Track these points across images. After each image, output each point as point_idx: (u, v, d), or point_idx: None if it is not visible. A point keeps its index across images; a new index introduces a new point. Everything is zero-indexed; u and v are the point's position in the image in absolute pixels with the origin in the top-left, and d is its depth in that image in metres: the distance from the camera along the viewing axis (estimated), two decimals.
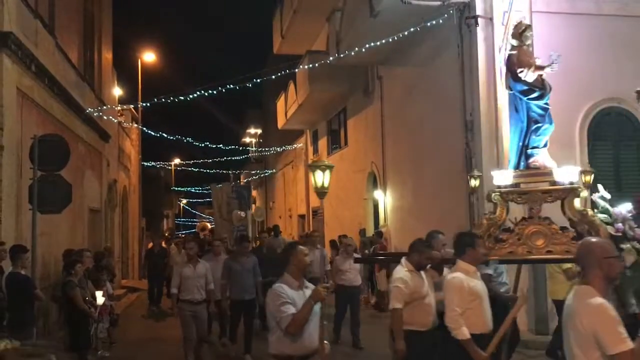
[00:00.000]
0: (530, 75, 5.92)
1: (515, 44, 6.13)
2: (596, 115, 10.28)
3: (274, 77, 14.08)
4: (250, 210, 21.51)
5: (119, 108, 19.78)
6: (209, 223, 32.60)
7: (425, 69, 12.39)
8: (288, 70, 14.69)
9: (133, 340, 10.71)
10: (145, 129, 21.45)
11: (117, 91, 21.03)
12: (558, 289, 7.74)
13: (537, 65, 6.00)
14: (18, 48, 9.12)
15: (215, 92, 13.41)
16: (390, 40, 11.46)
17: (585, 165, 8.45)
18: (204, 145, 22.71)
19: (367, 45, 12.09)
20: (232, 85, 13.14)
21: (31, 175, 8.12)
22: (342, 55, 13.26)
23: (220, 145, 25.00)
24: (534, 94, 5.94)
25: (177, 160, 36.06)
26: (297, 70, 16.81)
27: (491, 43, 9.88)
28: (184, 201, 55.88)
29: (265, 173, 32.25)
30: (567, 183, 5.56)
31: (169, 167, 36.27)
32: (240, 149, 30.96)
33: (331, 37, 15.43)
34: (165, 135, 19.15)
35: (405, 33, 11.11)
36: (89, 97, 14.72)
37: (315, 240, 11.51)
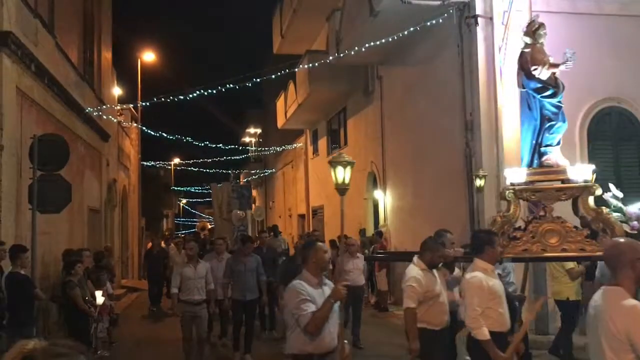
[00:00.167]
0: (544, 72, 5.91)
1: (529, 41, 6.12)
2: (596, 115, 10.28)
3: (274, 77, 14.07)
4: (250, 210, 21.51)
5: (118, 107, 19.76)
6: (208, 223, 32.58)
7: (425, 68, 12.39)
8: (288, 70, 14.67)
9: (133, 340, 10.70)
10: (144, 128, 21.46)
11: (117, 91, 21.02)
12: (561, 289, 7.71)
13: (552, 62, 5.98)
14: (18, 48, 9.11)
15: (214, 92, 13.42)
16: (390, 40, 11.46)
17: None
18: (203, 144, 22.72)
19: (367, 45, 12.08)
20: (232, 85, 13.14)
21: (31, 175, 8.11)
22: (342, 55, 13.25)
23: (220, 145, 25.01)
24: (548, 92, 5.94)
25: (177, 160, 36.03)
26: (297, 69, 16.79)
27: (491, 43, 9.88)
28: (184, 201, 55.83)
29: (265, 173, 32.24)
30: (581, 181, 5.55)
31: (169, 167, 36.23)
32: (240, 148, 30.95)
33: (331, 37, 15.42)
34: (165, 135, 19.16)
35: (405, 33, 11.11)
36: (88, 97, 14.72)
37: (318, 239, 11.50)
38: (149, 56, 23.70)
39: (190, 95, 13.68)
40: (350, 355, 4.31)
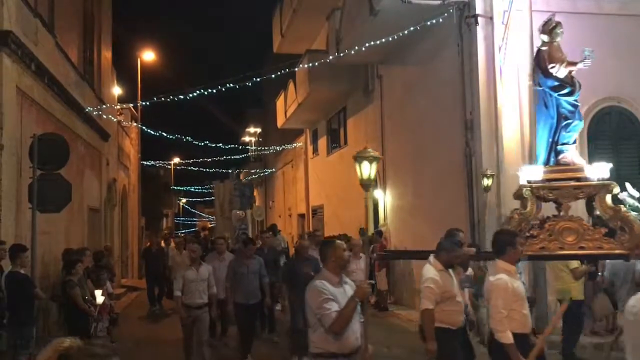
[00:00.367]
0: (562, 70, 5.91)
1: (546, 39, 6.11)
2: (596, 114, 10.28)
3: (274, 76, 14.07)
4: (250, 210, 21.52)
5: (118, 107, 19.77)
6: (209, 223, 32.58)
7: (425, 67, 12.39)
8: (288, 70, 14.67)
9: (133, 340, 10.69)
10: (144, 128, 21.46)
11: (117, 90, 21.02)
12: (564, 288, 7.66)
13: (569, 61, 5.98)
14: (18, 47, 9.11)
15: (214, 91, 13.42)
16: (390, 39, 11.46)
17: None
18: (203, 144, 22.71)
19: (367, 44, 12.09)
20: (232, 84, 13.14)
21: (31, 175, 8.12)
22: (342, 54, 13.25)
23: (220, 145, 25.00)
24: (565, 90, 5.93)
25: (177, 160, 36.02)
26: (297, 69, 16.79)
27: (491, 42, 9.88)
28: (184, 200, 55.84)
29: (265, 172, 32.23)
30: (597, 179, 5.54)
31: (169, 166, 36.24)
32: (240, 148, 30.94)
33: (331, 36, 15.41)
34: (165, 134, 19.16)
35: (405, 32, 11.11)
36: (88, 96, 14.71)
37: (320, 239, 11.49)
38: (148, 56, 23.70)
39: (190, 95, 13.69)
40: (373, 355, 4.27)
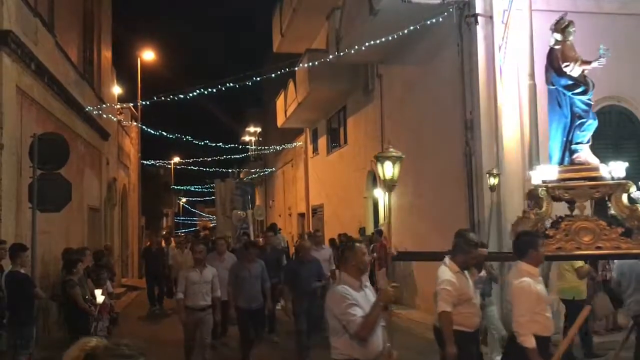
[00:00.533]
0: (576, 69, 5.88)
1: (559, 38, 6.08)
2: (596, 114, 10.25)
3: (274, 76, 14.08)
4: (250, 210, 21.53)
5: (118, 106, 19.76)
6: (209, 222, 32.59)
7: (425, 67, 12.38)
8: (288, 69, 14.68)
9: (133, 339, 10.69)
10: (144, 127, 21.47)
11: (117, 89, 21.03)
12: (568, 288, 7.66)
13: (583, 60, 5.95)
14: (18, 47, 9.11)
15: (214, 91, 13.42)
16: (390, 38, 11.45)
17: None
18: (203, 143, 22.72)
19: (367, 44, 12.08)
20: (232, 84, 13.14)
21: (31, 174, 8.11)
22: (342, 53, 13.25)
23: (220, 144, 25.02)
24: (579, 89, 5.91)
25: (177, 159, 36.04)
26: (297, 68, 16.79)
27: (491, 41, 9.87)
28: (184, 200, 55.86)
29: (265, 172, 32.24)
30: (614, 178, 5.52)
31: (169, 166, 36.25)
32: (240, 147, 30.95)
33: (331, 36, 15.41)
34: (165, 134, 19.17)
35: (405, 31, 11.10)
36: (88, 96, 14.71)
37: (320, 239, 11.49)
38: (148, 55, 23.70)
39: (191, 94, 13.68)
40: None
